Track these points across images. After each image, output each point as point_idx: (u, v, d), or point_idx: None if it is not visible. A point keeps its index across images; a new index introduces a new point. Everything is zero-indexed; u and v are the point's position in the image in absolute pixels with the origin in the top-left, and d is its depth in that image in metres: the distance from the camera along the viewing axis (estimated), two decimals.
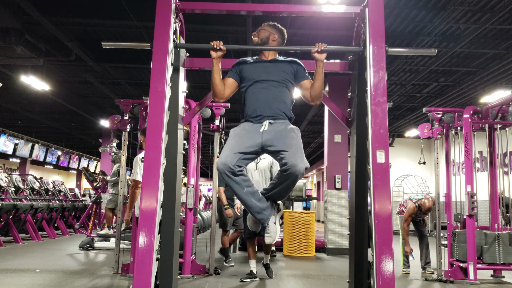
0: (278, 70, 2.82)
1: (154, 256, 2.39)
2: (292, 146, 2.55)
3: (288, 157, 2.50)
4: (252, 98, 2.77)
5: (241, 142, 2.63)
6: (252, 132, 2.67)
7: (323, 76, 2.81)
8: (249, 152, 2.62)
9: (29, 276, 4.95)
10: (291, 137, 2.62)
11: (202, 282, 4.84)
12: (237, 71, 2.88)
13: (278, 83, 2.77)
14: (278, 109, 2.73)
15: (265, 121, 2.69)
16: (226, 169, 2.53)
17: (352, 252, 2.98)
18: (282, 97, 2.77)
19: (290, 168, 2.48)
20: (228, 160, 2.54)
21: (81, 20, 7.11)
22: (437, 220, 5.56)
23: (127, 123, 5.47)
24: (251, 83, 2.80)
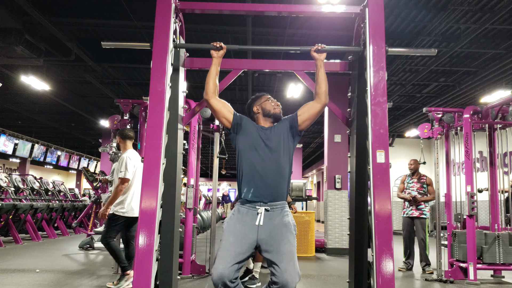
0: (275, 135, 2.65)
1: (154, 256, 2.39)
2: (285, 257, 2.38)
3: (279, 275, 2.33)
4: (249, 173, 2.58)
5: (237, 246, 2.43)
6: (247, 227, 2.50)
7: (325, 74, 2.80)
8: (245, 258, 2.45)
9: (29, 276, 4.95)
10: (286, 240, 2.45)
11: (202, 282, 4.84)
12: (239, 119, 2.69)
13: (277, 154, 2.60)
14: (275, 188, 2.56)
15: (261, 208, 2.52)
16: (222, 284, 2.34)
17: (352, 252, 2.98)
18: (281, 170, 2.59)
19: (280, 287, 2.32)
20: (225, 274, 2.34)
21: (81, 20, 7.11)
22: (437, 220, 5.56)
23: (127, 123, 5.47)
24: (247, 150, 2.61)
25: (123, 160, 4.42)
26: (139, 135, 5.41)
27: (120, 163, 4.43)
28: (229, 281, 2.34)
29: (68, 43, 7.70)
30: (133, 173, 4.44)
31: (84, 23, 7.35)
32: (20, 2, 6.07)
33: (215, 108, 2.69)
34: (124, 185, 4.35)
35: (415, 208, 6.09)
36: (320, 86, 2.75)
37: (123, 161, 4.41)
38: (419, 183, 6.17)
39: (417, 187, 6.16)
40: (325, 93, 2.75)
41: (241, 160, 2.63)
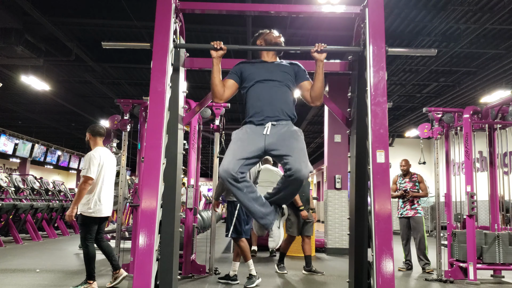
0: (279, 70, 2.80)
1: (154, 256, 2.39)
2: (295, 150, 2.51)
3: (292, 162, 2.45)
4: (254, 98, 2.74)
5: (244, 147, 2.58)
6: (255, 136, 2.63)
7: (323, 76, 2.80)
8: (252, 157, 2.57)
9: (29, 276, 4.95)
10: (295, 140, 2.58)
11: (202, 282, 4.84)
12: (238, 72, 2.86)
13: (280, 83, 2.75)
14: (280, 109, 2.69)
15: (267, 123, 2.64)
16: (229, 176, 2.48)
17: (352, 252, 2.98)
18: (285, 97, 2.74)
19: (294, 173, 2.44)
20: (230, 167, 2.48)
21: (81, 20, 7.11)
22: (437, 220, 5.56)
23: (127, 123, 5.47)
24: (252, 83, 2.77)
25: (88, 158, 4.31)
26: (139, 135, 5.41)
27: (84, 161, 4.33)
28: (235, 172, 2.47)
29: (68, 43, 7.70)
30: (99, 172, 4.31)
31: (84, 23, 7.35)
32: (20, 2, 6.07)
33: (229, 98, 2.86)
34: (87, 184, 4.20)
35: (409, 207, 6.11)
36: (316, 90, 2.79)
37: (88, 158, 4.31)
38: (411, 182, 6.21)
39: (410, 186, 6.18)
40: (321, 97, 2.82)
41: (247, 95, 2.79)
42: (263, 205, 2.64)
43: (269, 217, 2.65)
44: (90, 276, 4.27)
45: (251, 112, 2.72)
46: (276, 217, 2.70)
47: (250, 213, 2.66)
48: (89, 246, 4.23)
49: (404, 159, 6.40)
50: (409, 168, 6.36)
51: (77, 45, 7.87)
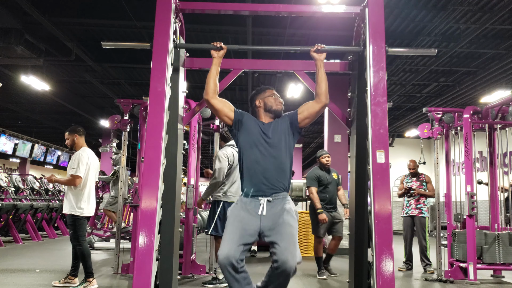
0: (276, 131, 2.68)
1: (154, 256, 2.39)
2: (285, 238, 2.41)
3: (279, 253, 2.36)
4: (250, 170, 2.62)
5: (242, 230, 2.49)
6: (251, 215, 2.55)
7: (325, 74, 2.80)
8: (250, 243, 2.50)
9: (29, 276, 4.95)
10: (287, 225, 2.48)
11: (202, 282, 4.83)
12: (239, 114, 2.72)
13: (277, 149, 2.63)
14: (277, 181, 2.60)
15: (263, 200, 2.56)
16: (229, 265, 2.36)
17: (352, 252, 2.98)
18: (282, 165, 2.63)
19: (280, 266, 2.34)
20: (231, 254, 2.37)
21: (81, 20, 7.11)
22: (437, 220, 5.56)
23: (127, 123, 5.47)
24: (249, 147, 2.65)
25: (77, 157, 4.36)
26: (139, 135, 5.41)
27: (73, 160, 4.36)
28: (236, 261, 2.38)
29: (68, 43, 7.69)
30: (87, 171, 4.37)
31: (84, 23, 7.35)
32: (20, 2, 6.07)
33: (216, 108, 2.71)
34: (75, 182, 4.26)
35: (414, 207, 6.10)
36: (320, 87, 2.75)
37: (77, 157, 4.36)
38: (418, 181, 6.20)
39: (417, 185, 6.17)
40: (325, 94, 2.76)
41: (242, 157, 2.69)
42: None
43: None
44: (88, 274, 4.28)
45: (247, 185, 2.63)
46: None
47: None
48: (83, 244, 4.27)
49: (412, 160, 6.37)
50: (417, 169, 6.33)
51: (77, 45, 7.86)
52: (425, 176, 6.29)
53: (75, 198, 4.29)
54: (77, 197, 4.30)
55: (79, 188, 4.32)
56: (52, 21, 6.87)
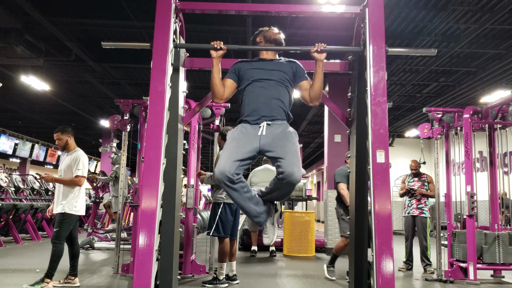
0: (277, 69, 2.80)
1: (154, 256, 2.39)
2: (289, 153, 2.52)
3: (285, 166, 2.47)
4: (250, 97, 2.74)
5: (239, 148, 2.58)
6: (250, 136, 2.63)
7: (323, 76, 2.80)
8: (247, 158, 2.58)
9: (29, 276, 4.95)
10: (289, 142, 2.59)
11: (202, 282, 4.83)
12: (236, 72, 2.86)
13: (276, 82, 2.75)
14: (276, 108, 2.70)
15: (262, 123, 2.65)
16: (225, 178, 2.49)
17: (352, 252, 2.98)
18: (281, 97, 2.73)
19: (286, 177, 2.46)
20: (226, 169, 2.49)
21: (81, 20, 7.11)
22: (437, 220, 5.56)
23: (127, 123, 5.47)
24: (249, 82, 2.77)
25: (80, 158, 4.42)
26: (139, 135, 5.41)
27: (76, 161, 4.40)
28: (231, 174, 2.48)
29: (68, 43, 7.69)
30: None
31: (84, 23, 7.35)
32: (20, 2, 6.07)
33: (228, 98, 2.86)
34: (81, 183, 4.39)
35: (415, 207, 6.10)
36: (315, 90, 2.80)
37: (79, 158, 4.42)
38: (420, 181, 6.19)
39: (418, 185, 6.17)
40: (319, 98, 2.82)
41: (243, 94, 2.79)
42: (257, 203, 2.66)
43: (263, 215, 2.67)
44: (50, 275, 4.26)
45: (247, 111, 2.73)
46: (270, 215, 2.72)
47: (245, 212, 2.68)
48: (62, 244, 4.27)
49: (413, 160, 6.37)
50: (419, 169, 6.33)
51: (77, 45, 7.86)
52: (427, 176, 6.28)
53: (73, 198, 4.35)
54: (75, 197, 4.37)
55: (77, 188, 4.39)
56: (52, 21, 6.87)
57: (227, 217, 4.69)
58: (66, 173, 4.43)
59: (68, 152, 4.54)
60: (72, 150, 4.53)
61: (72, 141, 4.57)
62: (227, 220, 4.69)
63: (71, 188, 4.37)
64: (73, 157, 4.44)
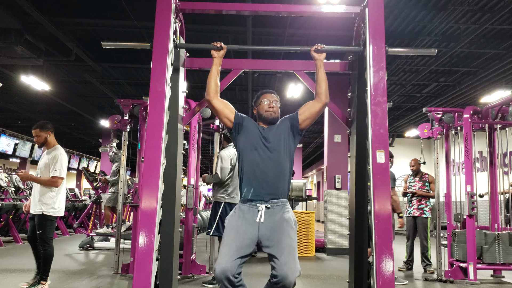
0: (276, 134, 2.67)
1: (154, 256, 2.39)
2: (284, 251, 2.38)
3: (279, 268, 2.32)
4: (249, 173, 2.60)
5: (239, 241, 2.44)
6: (248, 224, 2.51)
7: (325, 74, 2.80)
8: (247, 255, 2.46)
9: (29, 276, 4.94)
10: (286, 236, 2.45)
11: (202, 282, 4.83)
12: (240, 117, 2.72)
13: (277, 153, 2.62)
14: (276, 187, 2.57)
15: (261, 206, 2.53)
16: (225, 279, 2.33)
17: (352, 252, 2.98)
18: (282, 170, 2.61)
19: (280, 281, 2.30)
20: (228, 268, 2.33)
21: (81, 20, 7.11)
22: (437, 220, 5.56)
23: (127, 123, 5.47)
24: (248, 150, 2.64)
25: (58, 157, 4.21)
26: (139, 135, 5.41)
27: (54, 160, 4.20)
28: (232, 275, 2.34)
29: (68, 43, 7.69)
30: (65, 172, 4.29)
31: (84, 23, 7.35)
32: (20, 2, 6.07)
33: (216, 108, 2.71)
34: (59, 184, 4.18)
35: (416, 207, 6.10)
36: (320, 86, 2.75)
37: (58, 157, 4.21)
38: (421, 182, 6.19)
39: (419, 185, 6.17)
40: (325, 93, 2.75)
41: (242, 160, 2.67)
42: None
43: None
44: (45, 277, 4.17)
45: (246, 188, 2.60)
46: None
47: None
48: (52, 246, 4.17)
49: (414, 159, 6.40)
50: (418, 168, 6.34)
51: (77, 45, 7.86)
52: (428, 176, 6.27)
53: (51, 199, 4.16)
54: (53, 197, 4.18)
55: (56, 189, 4.21)
56: (52, 21, 6.87)
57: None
58: (44, 172, 4.24)
59: (47, 150, 4.34)
60: (51, 148, 4.32)
61: (52, 138, 4.36)
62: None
63: (48, 188, 4.18)
64: (51, 156, 4.24)
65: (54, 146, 4.34)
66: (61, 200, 4.26)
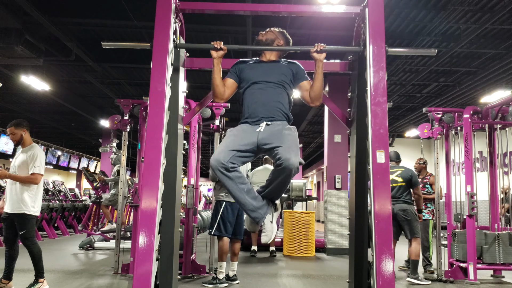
0: (277, 71, 2.80)
1: (154, 256, 2.39)
2: (286, 141, 2.51)
3: (282, 152, 2.44)
4: (250, 100, 2.76)
5: (237, 140, 2.59)
6: (249, 132, 2.65)
7: (323, 76, 2.80)
8: (244, 150, 2.56)
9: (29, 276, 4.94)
10: (287, 134, 2.59)
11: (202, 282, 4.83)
12: (236, 72, 2.87)
13: (276, 85, 2.75)
14: (275, 110, 2.71)
15: (262, 123, 2.67)
16: (219, 165, 2.47)
17: (352, 252, 2.98)
18: (280, 99, 2.74)
19: (283, 162, 2.41)
20: (221, 157, 2.49)
21: (81, 20, 7.11)
22: (437, 220, 5.56)
23: (127, 123, 5.47)
24: (248, 84, 2.79)
25: (37, 154, 4.15)
26: (139, 135, 5.41)
27: (33, 157, 4.14)
28: (226, 162, 2.47)
29: (68, 43, 7.70)
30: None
31: (84, 23, 7.35)
32: (20, 2, 6.07)
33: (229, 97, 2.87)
34: (38, 181, 4.12)
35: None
36: (315, 90, 2.80)
37: (36, 154, 4.15)
38: (422, 183, 6.14)
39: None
40: (320, 98, 2.83)
41: (243, 97, 2.81)
42: (255, 198, 2.60)
43: (260, 210, 2.60)
44: (41, 275, 4.14)
45: (247, 113, 2.75)
46: (268, 211, 2.65)
47: (241, 205, 2.61)
48: (37, 243, 4.13)
49: (419, 158, 6.39)
50: (421, 168, 6.30)
51: (77, 45, 7.87)
52: (430, 177, 6.24)
53: (30, 197, 4.10)
54: (32, 196, 4.13)
55: (34, 187, 4.14)
56: (52, 21, 6.88)
57: (229, 216, 4.70)
58: (21, 170, 4.16)
59: (23, 148, 4.26)
60: (27, 146, 4.25)
61: (28, 136, 4.28)
62: (229, 219, 4.70)
63: (27, 186, 4.10)
64: (29, 153, 4.16)
65: (30, 144, 4.27)
66: (39, 199, 4.19)
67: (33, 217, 4.14)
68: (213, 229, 4.72)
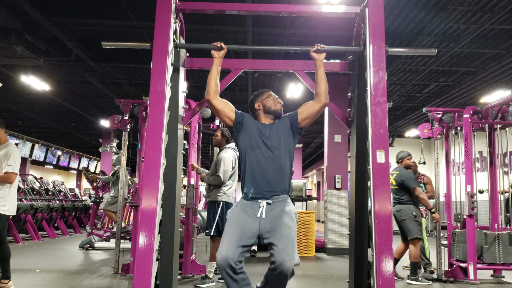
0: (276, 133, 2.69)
1: (154, 256, 2.39)
2: (282, 239, 2.40)
3: (277, 253, 2.34)
4: (250, 170, 2.64)
5: (241, 232, 2.48)
6: (250, 218, 2.54)
7: (325, 74, 2.80)
8: (249, 244, 2.48)
9: (29, 276, 4.95)
10: (285, 226, 2.47)
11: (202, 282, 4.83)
12: (240, 116, 2.74)
13: (277, 150, 2.64)
14: (276, 184, 2.60)
15: (262, 203, 2.56)
16: (227, 266, 2.34)
17: (352, 252, 2.98)
18: (282, 168, 2.64)
19: (278, 267, 2.31)
20: (229, 255, 2.35)
21: (81, 20, 7.11)
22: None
23: (127, 123, 5.47)
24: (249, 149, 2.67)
25: (11, 152, 4.08)
26: (139, 135, 5.41)
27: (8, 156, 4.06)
28: (234, 262, 2.36)
29: (68, 43, 7.69)
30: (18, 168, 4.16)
31: (84, 23, 7.35)
32: (20, 2, 6.07)
33: (217, 108, 2.73)
34: (13, 180, 4.05)
35: None
36: (319, 86, 2.76)
37: (11, 153, 4.07)
38: None
39: None
40: (325, 93, 2.76)
41: (243, 159, 2.70)
42: None
43: None
44: (8, 275, 4.11)
45: (247, 187, 2.64)
46: None
47: None
48: (7, 243, 4.09)
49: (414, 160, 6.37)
50: (416, 168, 6.28)
51: (77, 45, 7.86)
52: (424, 177, 6.25)
53: (3, 197, 4.02)
54: (4, 195, 4.04)
55: (8, 186, 4.05)
56: (52, 21, 6.88)
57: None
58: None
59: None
60: (3, 144, 4.16)
61: (3, 134, 4.20)
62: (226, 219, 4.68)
63: (6, 186, 4.03)
64: (3, 152, 4.08)
65: (5, 142, 4.18)
66: (12, 199, 4.11)
67: (3, 216, 4.05)
68: (212, 229, 4.70)
